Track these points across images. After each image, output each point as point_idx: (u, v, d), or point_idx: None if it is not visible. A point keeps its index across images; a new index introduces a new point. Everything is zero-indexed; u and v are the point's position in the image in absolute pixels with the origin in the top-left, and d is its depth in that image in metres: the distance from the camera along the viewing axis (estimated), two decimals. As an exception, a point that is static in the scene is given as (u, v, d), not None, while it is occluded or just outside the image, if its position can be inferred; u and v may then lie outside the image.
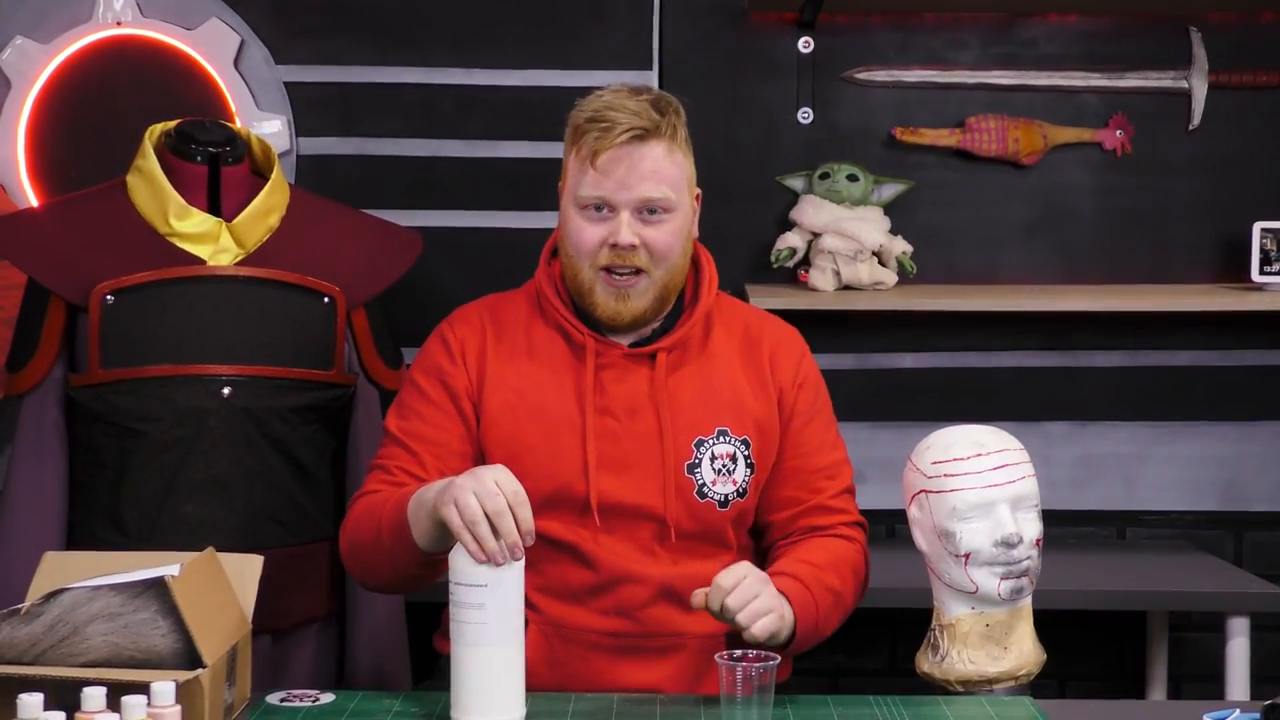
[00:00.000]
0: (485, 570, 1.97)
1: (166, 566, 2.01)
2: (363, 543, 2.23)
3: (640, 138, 2.25)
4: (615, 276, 2.28)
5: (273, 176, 2.72)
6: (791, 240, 3.38)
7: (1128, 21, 3.45)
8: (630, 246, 2.26)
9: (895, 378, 3.49)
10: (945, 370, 3.49)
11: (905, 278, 3.38)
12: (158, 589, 1.93)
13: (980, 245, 3.48)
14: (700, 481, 2.29)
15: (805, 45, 3.44)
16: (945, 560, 2.20)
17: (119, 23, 3.36)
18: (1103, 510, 3.52)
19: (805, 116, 3.45)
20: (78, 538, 2.63)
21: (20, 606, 1.94)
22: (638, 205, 2.26)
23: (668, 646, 2.28)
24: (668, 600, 2.29)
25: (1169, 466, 3.51)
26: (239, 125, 3.18)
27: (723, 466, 2.31)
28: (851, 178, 3.38)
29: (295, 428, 2.64)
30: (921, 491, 2.22)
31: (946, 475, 2.19)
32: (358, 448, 2.74)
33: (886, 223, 3.38)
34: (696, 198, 2.37)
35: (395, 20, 3.40)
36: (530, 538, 1.98)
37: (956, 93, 3.46)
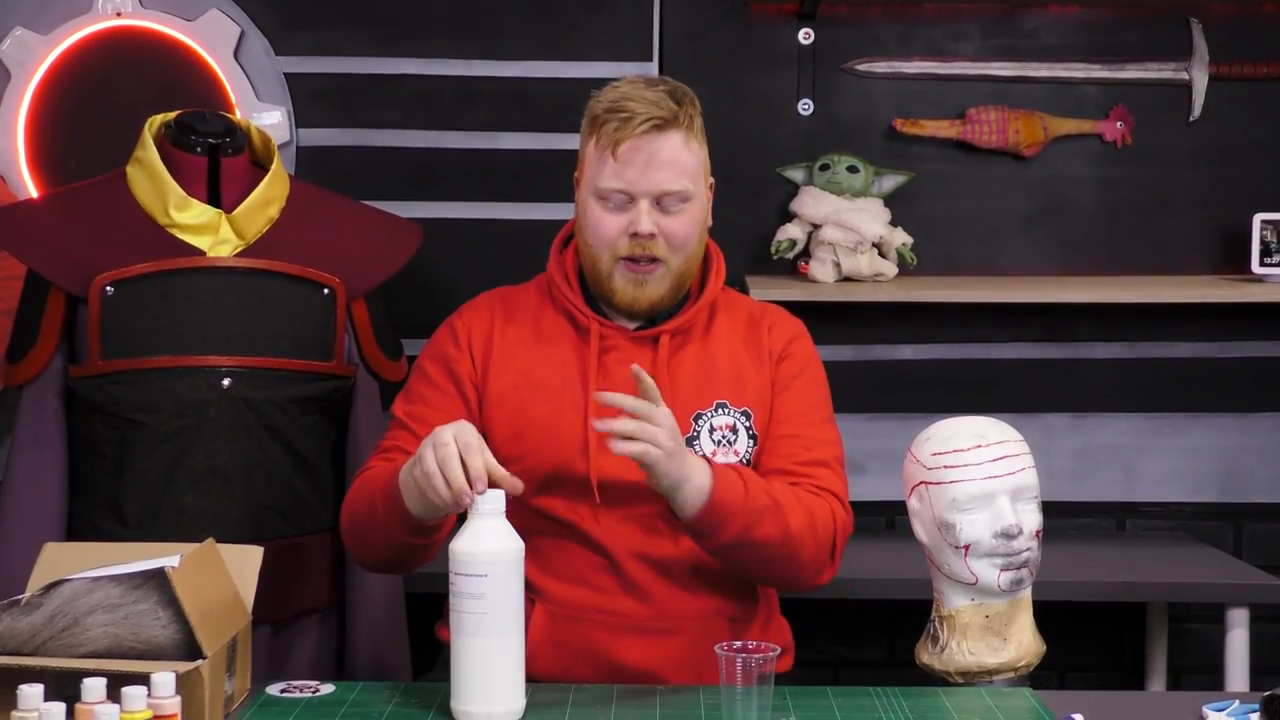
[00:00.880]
0: (485, 560, 1.97)
1: (167, 557, 2.01)
2: (359, 515, 2.25)
3: (659, 127, 2.28)
4: (634, 264, 2.30)
5: (273, 168, 2.72)
6: (791, 232, 3.38)
7: (1128, 13, 3.44)
8: (650, 235, 2.28)
9: (895, 369, 3.49)
10: (945, 362, 3.49)
11: (905, 269, 3.38)
12: (158, 580, 1.93)
13: (980, 237, 3.48)
14: (700, 453, 2.28)
15: (805, 36, 3.43)
16: (945, 551, 2.21)
17: (119, 14, 3.36)
18: (1102, 502, 3.53)
19: (805, 108, 3.45)
20: (78, 529, 2.63)
21: (20, 597, 1.95)
22: (657, 195, 2.29)
23: (670, 629, 2.29)
24: (669, 579, 2.30)
25: (1169, 458, 3.51)
26: (239, 116, 3.18)
27: (722, 438, 2.32)
28: (852, 169, 3.37)
29: (295, 419, 2.64)
30: (921, 483, 2.23)
31: (946, 467, 2.20)
32: (358, 439, 2.74)
33: (887, 214, 3.38)
34: (710, 187, 2.39)
35: (395, 11, 3.40)
36: (480, 484, 1.99)
37: (957, 84, 3.46)
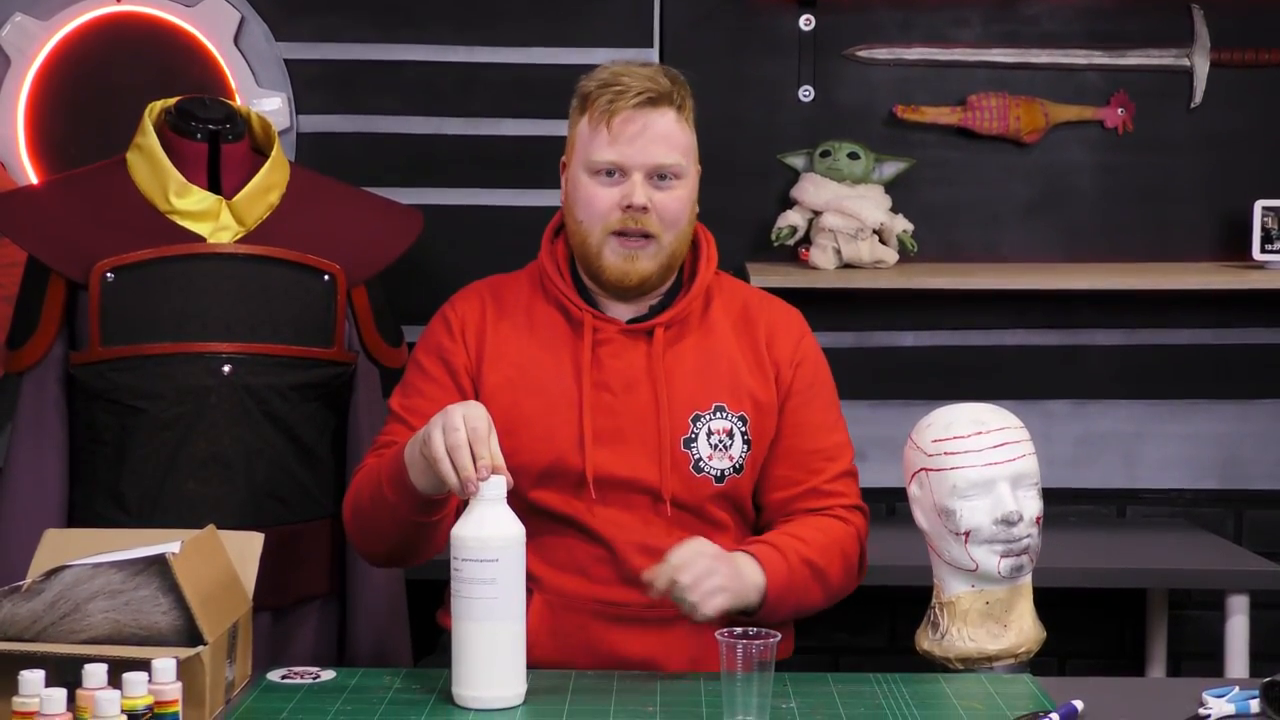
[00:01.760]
0: (496, 545, 1.98)
1: (167, 544, 2.01)
2: (365, 503, 2.24)
3: (653, 102, 2.28)
4: (626, 239, 2.30)
5: (273, 154, 2.71)
6: (792, 218, 3.37)
7: (1129, -1, 3.45)
8: (643, 208, 2.28)
9: (896, 356, 3.49)
10: (946, 349, 3.49)
11: (906, 256, 3.38)
12: (159, 566, 1.94)
13: (981, 223, 3.48)
14: (696, 456, 2.30)
15: (806, 23, 3.43)
16: (945, 538, 2.21)
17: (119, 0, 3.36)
18: (1103, 488, 3.53)
19: (806, 94, 3.45)
20: (78, 515, 2.63)
21: (21, 584, 1.95)
22: (650, 170, 2.29)
23: (668, 618, 2.27)
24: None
25: (1169, 445, 3.51)
26: (239, 102, 3.18)
27: (719, 442, 2.31)
28: (852, 156, 3.37)
29: (296, 405, 2.64)
30: (922, 469, 2.23)
31: (947, 453, 2.20)
32: (358, 425, 2.74)
33: (887, 201, 3.38)
34: (697, 173, 2.38)
35: (395, -3, 3.40)
36: (486, 471, 2.00)
37: (958, 70, 3.45)
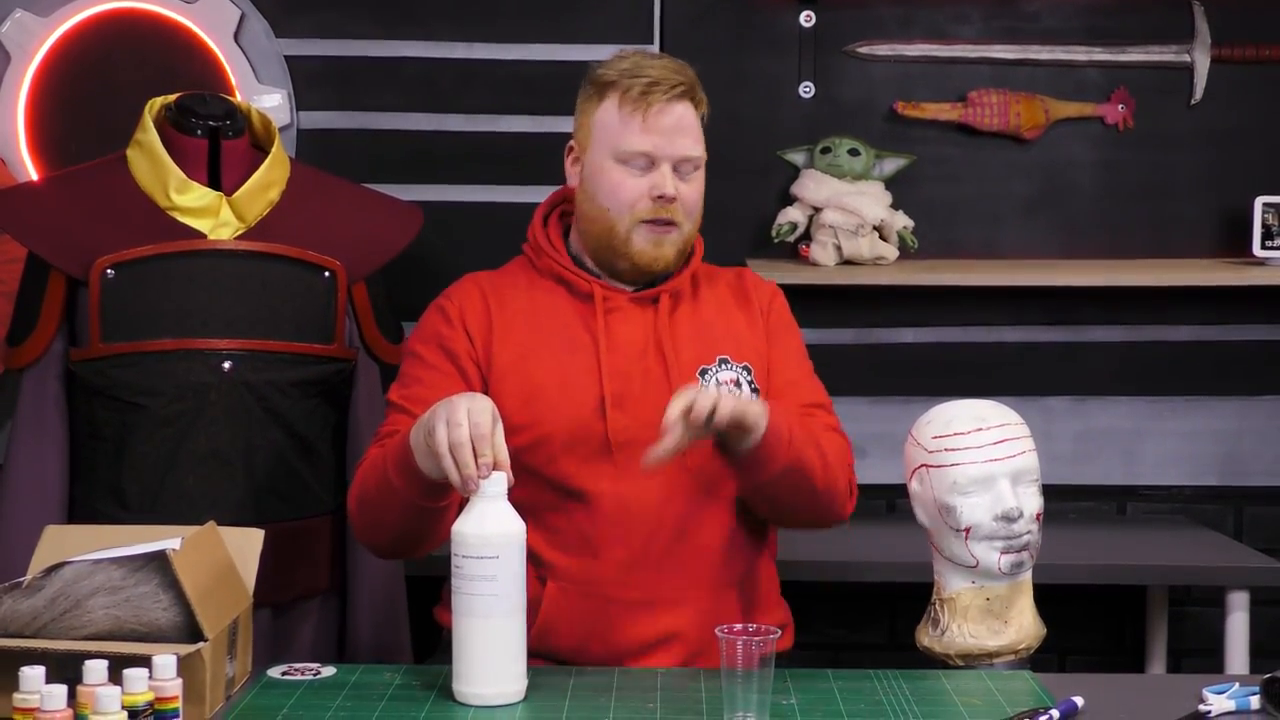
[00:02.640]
0: (497, 542, 1.98)
1: (168, 540, 2.01)
2: (370, 491, 2.23)
3: (681, 95, 2.35)
4: (655, 225, 2.34)
5: (273, 150, 2.71)
6: (792, 215, 3.37)
7: (1130, -5, 3.45)
8: (673, 199, 2.33)
9: (896, 353, 3.49)
10: (946, 345, 3.49)
11: (906, 252, 3.38)
12: (159, 563, 1.94)
13: (981, 220, 3.48)
14: None
15: (807, 19, 3.43)
16: (945, 534, 2.21)
17: (119, -5, 3.36)
18: (1103, 485, 3.53)
19: (807, 90, 3.45)
20: (79, 512, 2.63)
21: (22, 580, 1.95)
22: (678, 160, 2.34)
23: (683, 598, 2.31)
24: (685, 545, 2.32)
25: (1169, 441, 3.51)
26: (239, 99, 3.18)
27: (728, 391, 2.34)
28: (853, 152, 3.37)
29: (296, 402, 2.64)
30: (922, 466, 2.23)
31: (947, 450, 2.20)
32: (359, 422, 2.74)
33: (888, 197, 3.38)
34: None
35: (396, -7, 3.39)
36: (487, 470, 2.00)
37: (958, 67, 3.45)
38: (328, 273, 2.69)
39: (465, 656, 2.01)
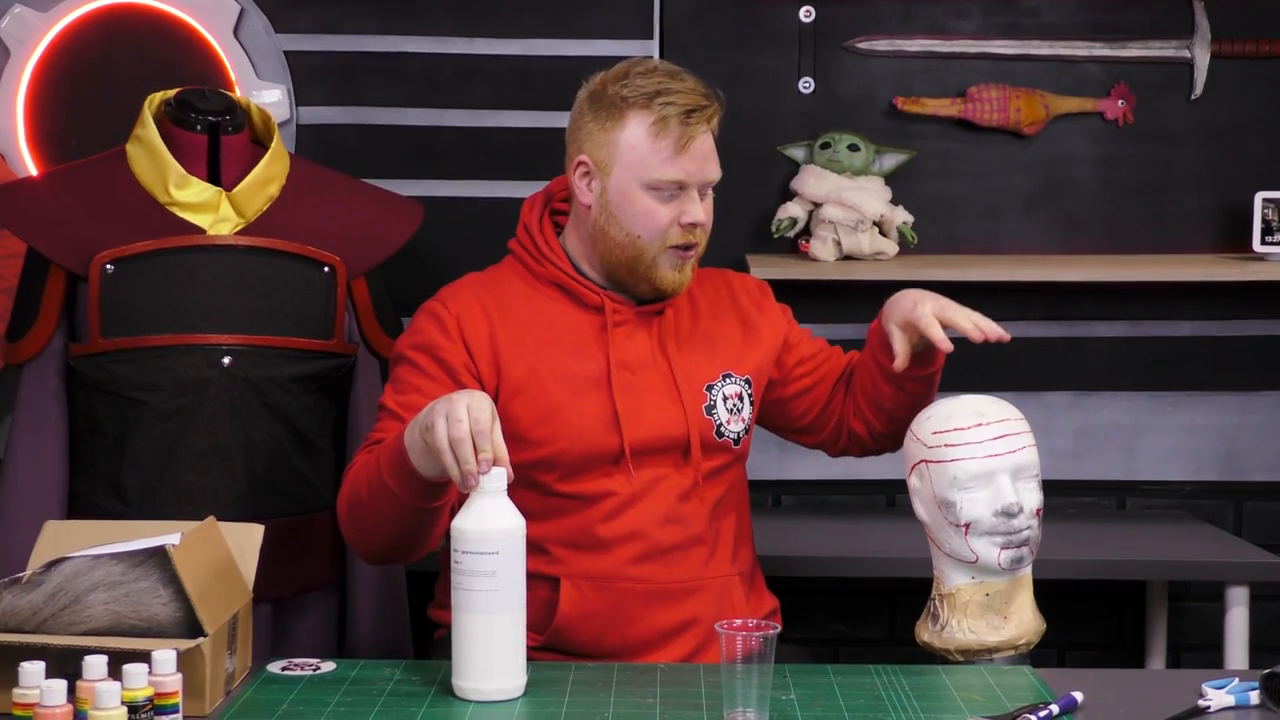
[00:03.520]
0: (497, 538, 1.98)
1: (167, 535, 2.01)
2: (363, 496, 2.22)
3: (711, 119, 2.35)
4: (680, 251, 2.36)
5: (272, 146, 2.71)
6: (792, 210, 3.37)
7: (1130, -10, 3.44)
8: (703, 225, 2.36)
9: (896, 348, 3.48)
10: (946, 340, 3.48)
11: (906, 248, 3.37)
12: (159, 558, 1.94)
13: (981, 215, 3.48)
14: (718, 422, 2.39)
15: (807, 14, 3.43)
16: (945, 530, 2.21)
17: (118, -10, 3.36)
18: (1103, 480, 3.53)
19: (806, 86, 3.44)
20: (79, 507, 2.64)
21: (21, 575, 1.95)
22: (705, 186, 2.36)
23: (693, 589, 2.35)
24: (694, 541, 2.35)
25: (1169, 436, 3.51)
26: (239, 94, 3.17)
27: (733, 406, 2.40)
28: (853, 147, 3.37)
29: (296, 397, 2.64)
30: (922, 461, 2.23)
31: (947, 445, 2.20)
32: (358, 417, 2.74)
33: (887, 193, 3.38)
34: None
35: (395, -12, 3.39)
36: (487, 465, 2.00)
37: (958, 62, 3.45)
38: (327, 268, 2.69)
39: (465, 651, 2.01)
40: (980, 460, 2.18)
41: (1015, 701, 2.01)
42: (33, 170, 3.32)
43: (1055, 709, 1.96)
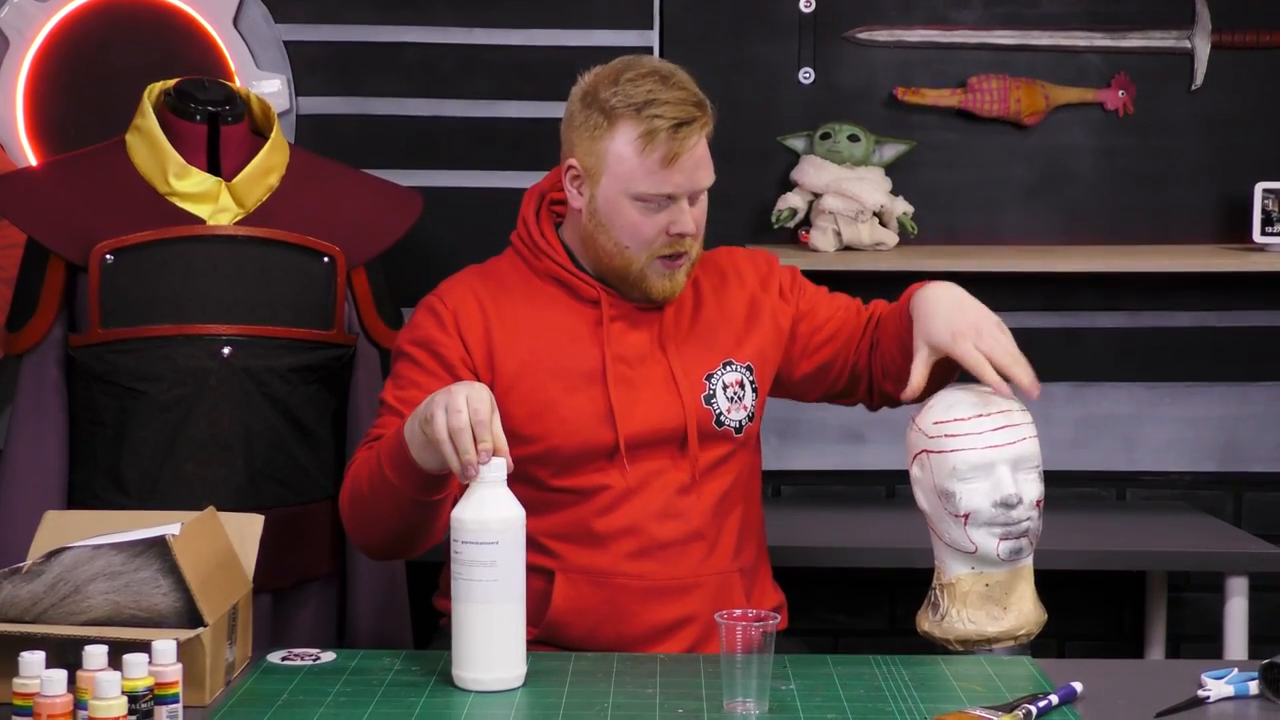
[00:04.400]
0: (497, 528, 1.98)
1: (167, 525, 2.01)
2: (364, 490, 2.22)
3: (700, 129, 2.30)
4: (670, 260, 2.33)
5: (272, 136, 2.71)
6: (792, 200, 3.37)
7: (1130, -20, 3.44)
8: (692, 234, 2.32)
9: (896, 338, 3.48)
10: (946, 331, 3.48)
11: (906, 238, 3.37)
12: (159, 548, 1.94)
13: (981, 206, 3.47)
14: (717, 411, 2.36)
15: (807, 5, 3.42)
16: (945, 520, 2.21)
17: (118, -20, 3.35)
18: (1102, 471, 3.53)
19: (806, 76, 3.44)
20: (78, 497, 2.64)
21: (21, 565, 1.95)
22: (695, 194, 2.32)
23: (691, 585, 2.33)
24: (692, 537, 2.34)
25: (1169, 427, 3.51)
26: (238, 84, 3.17)
27: (734, 394, 2.38)
28: (853, 138, 3.37)
29: (295, 387, 2.64)
30: (923, 451, 2.23)
31: (948, 435, 2.19)
32: (358, 408, 2.74)
33: (887, 183, 3.37)
34: None
35: (395, -22, 3.39)
36: (487, 455, 2.00)
37: (958, 53, 3.45)
38: (327, 258, 2.68)
39: (465, 642, 2.01)
40: (980, 451, 2.18)
41: (1015, 692, 2.01)
42: (32, 160, 3.32)
43: (1054, 699, 1.96)
